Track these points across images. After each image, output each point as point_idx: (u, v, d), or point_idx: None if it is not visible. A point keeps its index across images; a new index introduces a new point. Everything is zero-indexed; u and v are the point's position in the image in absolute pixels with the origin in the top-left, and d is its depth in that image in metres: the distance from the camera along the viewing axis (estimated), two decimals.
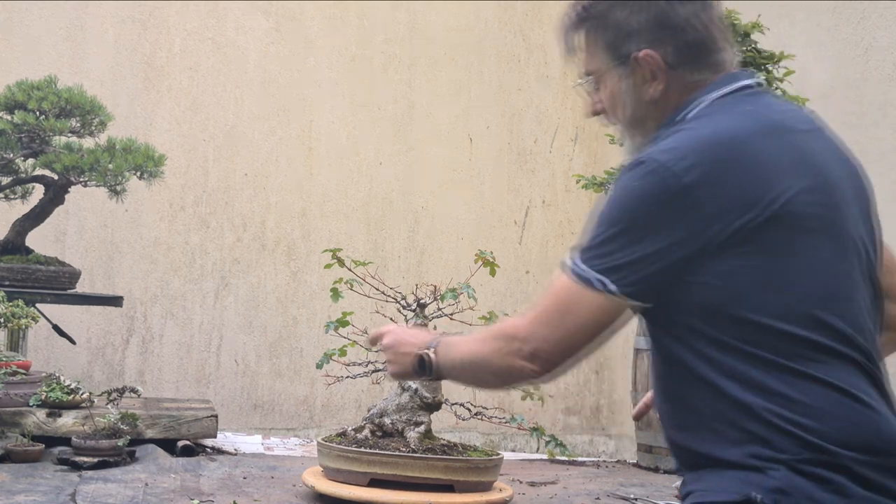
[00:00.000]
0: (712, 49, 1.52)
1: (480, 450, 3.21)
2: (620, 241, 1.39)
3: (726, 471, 1.40)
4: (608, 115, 1.59)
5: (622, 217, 1.39)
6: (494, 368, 1.51)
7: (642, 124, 1.55)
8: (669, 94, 1.52)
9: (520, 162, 5.82)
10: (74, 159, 3.93)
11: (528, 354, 1.45)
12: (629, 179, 1.40)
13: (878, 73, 4.52)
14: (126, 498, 2.90)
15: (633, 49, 1.51)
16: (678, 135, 1.43)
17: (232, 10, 5.24)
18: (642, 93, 1.53)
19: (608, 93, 1.57)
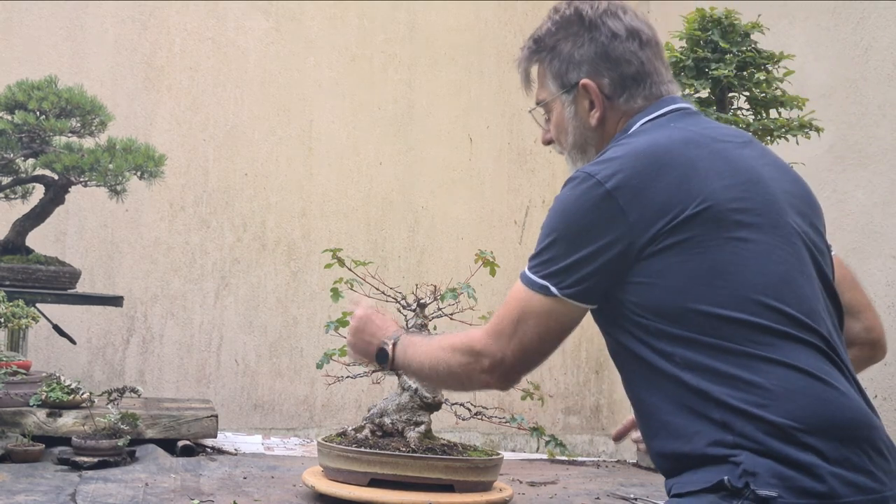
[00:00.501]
0: (650, 82, 1.66)
1: (480, 450, 3.21)
2: (558, 248, 1.50)
3: (699, 469, 1.44)
4: (557, 142, 1.73)
5: (557, 226, 1.51)
6: (456, 379, 1.64)
7: (583, 150, 1.70)
8: (607, 122, 1.67)
9: (520, 162, 5.82)
10: (75, 159, 3.94)
11: (488, 367, 1.57)
12: (564, 192, 1.53)
13: (877, 73, 4.52)
14: (126, 498, 2.90)
15: (575, 79, 1.67)
16: (609, 150, 1.56)
17: (232, 10, 5.24)
18: (584, 120, 1.67)
19: (555, 120, 1.72)
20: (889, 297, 4.32)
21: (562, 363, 5.79)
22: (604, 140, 1.67)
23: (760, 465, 1.36)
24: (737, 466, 1.37)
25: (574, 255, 1.49)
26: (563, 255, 1.50)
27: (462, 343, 1.61)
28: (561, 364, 5.79)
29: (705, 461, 1.42)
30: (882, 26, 4.53)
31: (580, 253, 1.48)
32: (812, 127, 4.02)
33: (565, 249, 1.50)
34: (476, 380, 1.61)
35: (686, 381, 1.43)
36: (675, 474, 1.51)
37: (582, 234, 1.49)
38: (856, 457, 1.38)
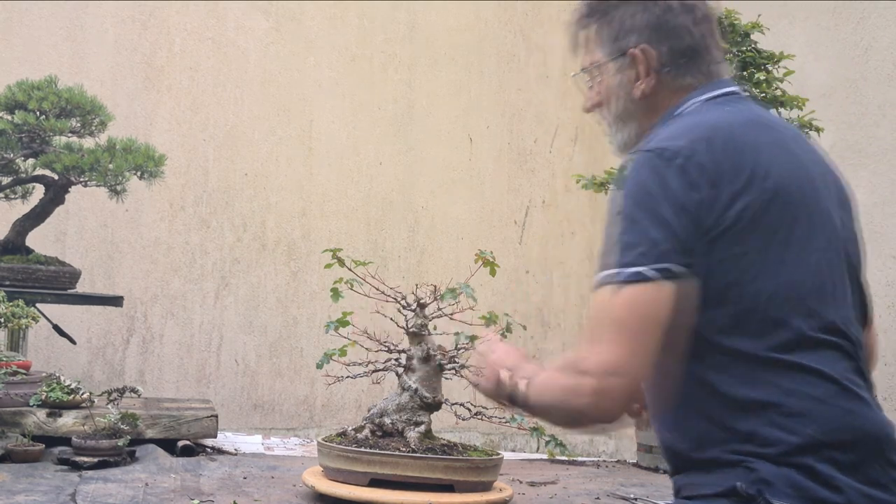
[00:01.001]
0: (704, 58, 1.58)
1: (480, 450, 3.21)
2: (652, 228, 1.37)
3: (713, 470, 1.41)
4: (602, 108, 1.65)
5: (641, 208, 1.40)
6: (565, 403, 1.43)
7: (628, 121, 1.61)
8: (658, 95, 1.58)
9: (520, 162, 5.82)
10: (75, 159, 3.94)
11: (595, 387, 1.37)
12: (634, 173, 1.43)
13: (877, 73, 4.52)
14: (126, 498, 2.90)
15: (633, 43, 1.58)
16: (670, 126, 1.49)
17: (232, 10, 5.24)
18: (630, 90, 1.59)
19: (603, 86, 1.63)
20: (889, 297, 4.32)
21: None
22: (650, 114, 1.60)
23: (776, 475, 1.34)
24: (750, 472, 1.35)
25: (671, 229, 1.37)
26: (661, 233, 1.37)
27: (566, 363, 1.42)
28: None
29: (719, 464, 1.39)
30: (882, 26, 4.53)
31: (677, 226, 1.37)
32: (812, 127, 4.02)
33: (644, 230, 1.38)
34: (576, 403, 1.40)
35: (715, 385, 1.39)
36: (682, 471, 1.48)
37: (669, 209, 1.38)
38: (873, 470, 1.36)
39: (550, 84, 5.90)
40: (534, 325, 5.67)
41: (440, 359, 3.14)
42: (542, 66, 5.89)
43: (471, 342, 3.17)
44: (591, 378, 1.36)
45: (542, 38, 5.89)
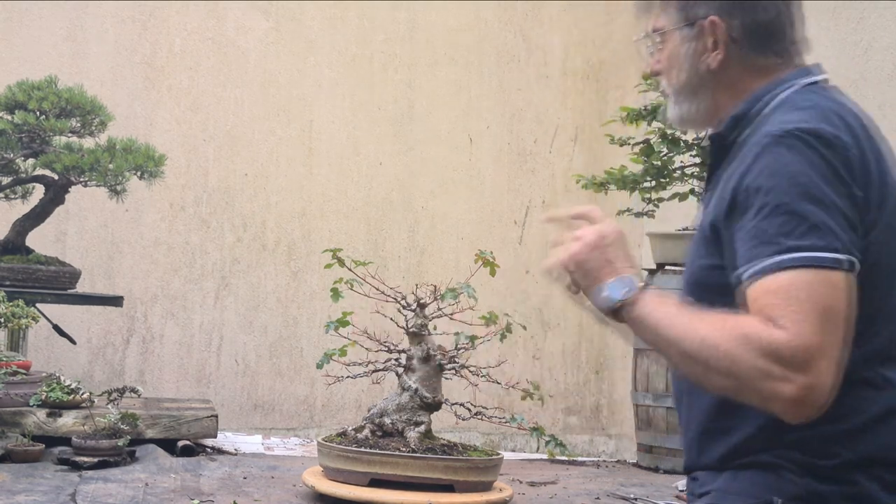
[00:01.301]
0: (781, 35, 1.50)
1: (480, 450, 3.21)
2: (834, 212, 1.27)
3: (745, 471, 1.37)
4: (664, 76, 1.58)
5: (817, 188, 1.28)
6: (733, 381, 1.26)
7: (694, 93, 1.53)
8: (730, 71, 1.50)
9: (520, 162, 5.82)
10: (75, 159, 3.94)
11: (799, 391, 1.21)
12: (786, 153, 1.31)
13: (877, 73, 4.52)
14: (126, 498, 2.90)
15: (702, 14, 1.49)
16: (801, 111, 1.38)
17: (232, 10, 5.24)
18: (702, 61, 1.51)
19: (668, 53, 1.55)
20: None
21: (562, 363, 5.79)
22: (723, 90, 1.51)
23: (816, 491, 1.31)
24: (789, 483, 1.32)
25: (851, 218, 1.28)
26: (845, 221, 1.27)
27: (759, 336, 1.22)
28: (561, 364, 5.79)
29: (752, 466, 1.36)
30: (882, 26, 4.53)
31: (853, 216, 1.28)
32: None
33: (843, 214, 1.27)
34: (772, 397, 1.23)
35: None
36: (701, 468, 1.44)
37: (847, 193, 1.29)
38: None
39: (550, 84, 5.90)
40: (534, 325, 5.67)
41: (440, 359, 3.14)
42: (542, 66, 5.89)
43: (471, 342, 3.17)
44: (801, 372, 1.21)
45: (542, 38, 5.89)
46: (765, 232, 1.28)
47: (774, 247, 1.26)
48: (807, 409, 1.23)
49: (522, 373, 5.55)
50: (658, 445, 4.07)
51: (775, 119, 1.39)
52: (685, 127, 1.56)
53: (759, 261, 1.27)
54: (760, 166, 1.32)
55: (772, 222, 1.27)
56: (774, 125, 1.36)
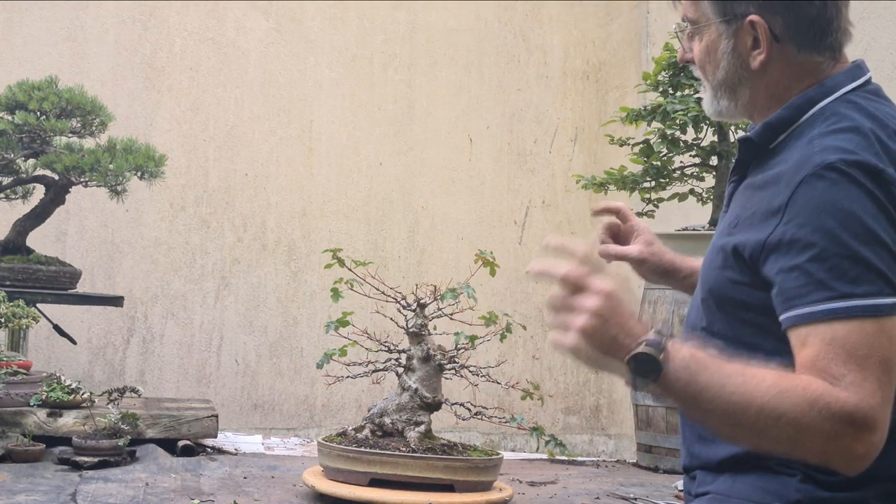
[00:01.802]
0: (826, 30, 1.42)
1: (480, 449, 3.22)
2: (883, 253, 1.23)
3: (745, 474, 1.36)
4: (698, 68, 1.52)
5: (865, 228, 1.24)
6: (799, 445, 1.20)
7: (734, 90, 1.47)
8: (771, 69, 1.43)
9: (520, 162, 5.82)
10: (75, 159, 3.94)
11: (871, 448, 1.19)
12: (840, 189, 1.25)
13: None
14: (127, 497, 2.91)
15: (742, 10, 1.42)
16: (843, 133, 1.32)
17: (232, 10, 5.24)
18: (742, 59, 1.44)
19: (704, 46, 1.48)
20: None
21: (562, 363, 5.79)
22: (762, 87, 1.44)
23: (818, 499, 1.30)
24: (789, 489, 1.31)
25: (888, 254, 1.24)
26: (893, 261, 1.23)
27: (825, 400, 1.18)
28: (561, 364, 5.80)
29: (755, 468, 1.35)
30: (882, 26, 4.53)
31: (892, 250, 1.24)
32: None
33: (892, 253, 1.24)
34: (839, 456, 1.20)
35: None
36: (705, 466, 1.42)
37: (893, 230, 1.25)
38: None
39: (550, 84, 5.90)
40: (534, 325, 5.67)
41: (440, 359, 3.14)
42: (542, 66, 5.89)
43: (471, 342, 3.17)
44: (869, 431, 1.18)
45: (542, 38, 5.89)
46: (813, 275, 1.23)
47: (827, 292, 1.22)
48: (867, 464, 1.21)
49: (522, 373, 5.55)
50: (657, 445, 4.08)
51: (817, 141, 1.33)
52: (721, 119, 1.53)
53: (809, 304, 1.23)
54: (804, 200, 1.26)
55: (821, 265, 1.23)
56: (817, 152, 1.30)
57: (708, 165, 4.18)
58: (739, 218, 1.39)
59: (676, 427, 3.95)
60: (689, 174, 4.25)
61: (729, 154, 4.06)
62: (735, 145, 4.12)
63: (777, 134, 1.42)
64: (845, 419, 1.17)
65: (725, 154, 4.08)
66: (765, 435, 1.20)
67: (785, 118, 1.41)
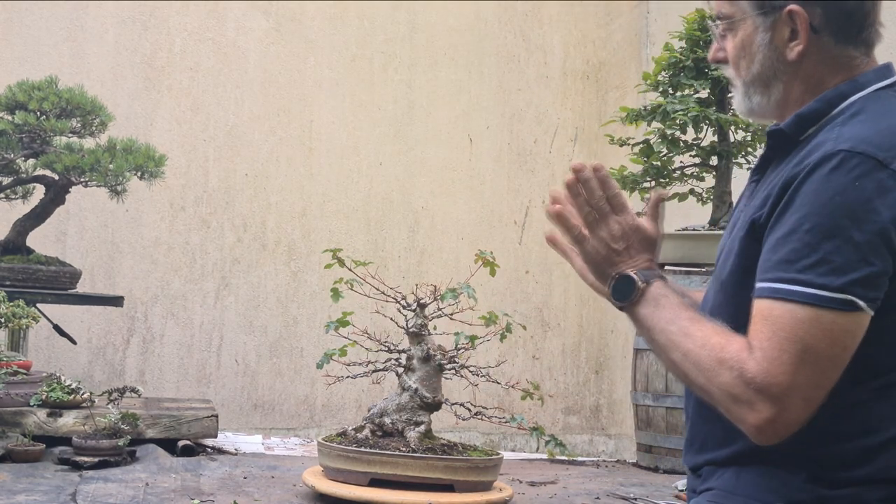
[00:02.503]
0: (863, 23, 1.41)
1: (480, 449, 3.22)
2: (848, 250, 1.23)
3: (748, 470, 1.36)
4: (730, 65, 1.49)
5: (838, 220, 1.24)
6: (706, 392, 1.30)
7: (766, 86, 1.45)
8: (807, 62, 1.42)
9: (520, 162, 5.82)
10: (75, 159, 3.94)
11: (765, 419, 1.24)
12: (833, 176, 1.27)
13: None
14: (127, 497, 2.91)
15: (780, 2, 1.40)
16: (862, 125, 1.33)
17: (232, 10, 5.24)
18: (779, 52, 1.42)
19: (738, 41, 1.46)
20: None
21: (562, 363, 5.79)
22: (797, 80, 1.43)
23: (822, 499, 1.30)
24: (793, 488, 1.31)
25: (871, 255, 1.23)
26: (859, 258, 1.23)
27: (735, 362, 1.26)
28: (561, 364, 5.80)
29: (760, 464, 1.35)
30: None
31: (877, 253, 1.24)
32: None
33: (858, 250, 1.23)
34: (738, 419, 1.27)
35: None
36: (710, 461, 1.42)
37: (875, 229, 1.24)
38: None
39: (550, 84, 5.90)
40: (534, 325, 5.67)
41: (440, 359, 3.14)
42: (542, 66, 5.90)
43: (471, 342, 3.17)
44: (767, 403, 1.23)
45: (542, 38, 5.89)
46: (777, 251, 1.28)
47: (780, 272, 1.26)
48: (767, 438, 1.26)
49: (522, 373, 5.55)
50: (657, 445, 4.08)
51: (837, 129, 1.34)
52: (753, 119, 1.51)
53: (766, 280, 1.28)
54: (801, 181, 1.29)
55: (785, 244, 1.27)
56: (833, 139, 1.31)
57: (708, 165, 4.18)
58: (756, 203, 1.40)
59: (676, 427, 3.95)
60: (689, 174, 4.25)
61: (729, 154, 4.06)
62: (735, 146, 4.12)
63: (807, 126, 1.41)
64: (745, 383, 1.24)
65: (725, 154, 4.08)
66: (688, 378, 1.32)
67: (816, 110, 1.41)
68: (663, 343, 1.35)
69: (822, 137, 1.34)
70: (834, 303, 1.23)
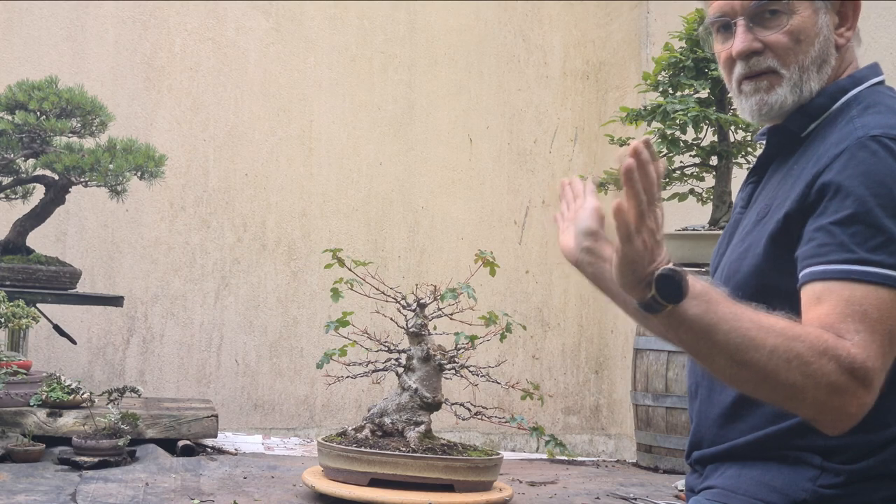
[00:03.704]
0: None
1: (480, 449, 3.22)
2: None
3: (750, 468, 1.35)
4: (768, 55, 1.44)
5: (888, 201, 1.24)
6: (796, 394, 1.20)
7: (821, 69, 1.43)
8: (845, 49, 1.45)
9: (520, 162, 5.82)
10: (75, 159, 3.94)
11: (862, 404, 1.20)
12: (878, 160, 1.26)
13: None
14: (127, 497, 2.91)
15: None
16: (883, 115, 1.33)
17: (232, 10, 5.24)
18: (831, 37, 1.43)
19: (792, 28, 1.42)
20: None
21: (562, 363, 5.79)
22: (834, 70, 1.44)
23: (822, 498, 1.30)
24: (797, 487, 1.31)
25: None
26: None
27: (837, 350, 1.19)
28: (561, 364, 5.80)
29: (767, 459, 1.34)
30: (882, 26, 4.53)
31: None
32: None
33: None
34: (836, 409, 1.20)
35: None
36: (713, 458, 1.42)
37: None
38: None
39: (550, 84, 5.90)
40: (534, 325, 5.67)
41: (440, 359, 3.14)
42: (542, 66, 5.90)
43: (471, 342, 3.17)
44: (865, 389, 1.19)
45: (542, 39, 5.89)
46: (836, 236, 1.24)
47: (847, 254, 1.23)
48: (853, 423, 1.22)
49: (522, 373, 5.55)
50: (657, 445, 4.08)
51: (858, 119, 1.34)
52: (775, 121, 1.47)
53: (827, 262, 1.24)
54: (840, 166, 1.27)
55: (846, 229, 1.24)
56: (859, 127, 1.31)
57: (708, 165, 4.18)
58: (773, 203, 1.39)
59: (676, 427, 3.95)
60: (689, 174, 4.25)
61: (729, 154, 4.06)
62: (735, 146, 4.12)
63: (811, 121, 1.42)
64: (852, 372, 1.18)
65: (725, 154, 4.08)
66: (772, 376, 1.19)
67: (819, 105, 1.42)
68: (735, 343, 1.19)
69: (839, 128, 1.35)
70: None
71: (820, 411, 1.21)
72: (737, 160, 4.14)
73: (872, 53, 4.74)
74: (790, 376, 1.18)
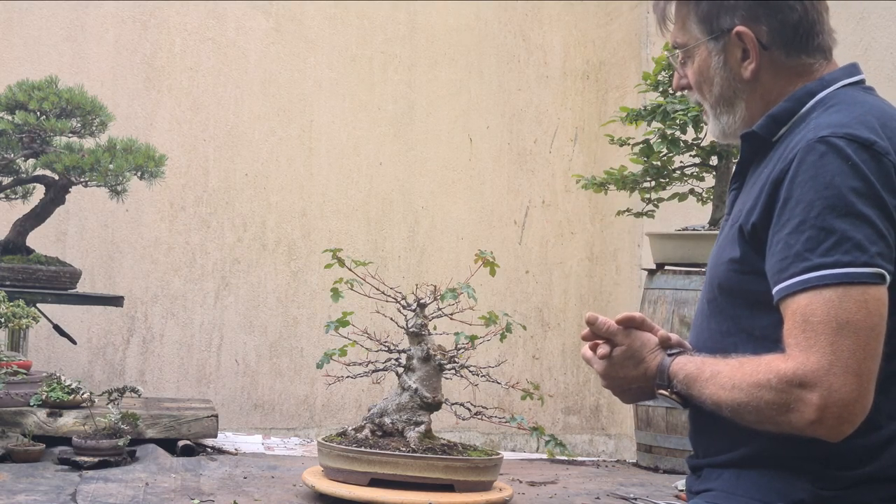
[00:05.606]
0: (811, 33, 1.47)
1: (480, 449, 3.22)
2: (860, 225, 1.25)
3: (749, 470, 1.36)
4: (693, 90, 1.54)
5: (846, 198, 1.26)
6: (767, 423, 1.29)
7: (731, 104, 1.50)
8: (763, 77, 1.46)
9: (520, 162, 5.82)
10: (75, 159, 3.94)
11: (816, 405, 1.23)
12: (827, 161, 1.28)
13: (878, 73, 4.52)
14: (127, 497, 2.91)
15: (728, 24, 1.46)
16: (839, 113, 1.35)
17: (232, 10, 5.24)
18: (734, 71, 1.47)
19: (696, 68, 1.51)
20: None
21: (562, 363, 5.79)
22: (757, 97, 1.47)
23: (822, 499, 1.30)
24: (795, 488, 1.31)
25: (882, 229, 1.25)
26: (874, 232, 1.25)
27: (768, 374, 1.26)
28: (561, 364, 5.80)
29: (762, 465, 1.35)
30: (882, 26, 4.53)
31: (885, 226, 1.26)
32: None
33: (871, 225, 1.25)
34: (798, 427, 1.25)
35: None
36: (711, 462, 1.43)
37: (878, 203, 1.26)
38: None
39: (550, 84, 5.90)
40: (534, 325, 5.67)
41: (440, 359, 3.14)
42: (542, 66, 5.90)
43: (471, 342, 3.17)
44: (811, 391, 1.22)
45: (542, 38, 5.89)
46: (792, 247, 1.28)
47: (801, 264, 1.26)
48: (832, 427, 1.24)
49: (522, 373, 5.55)
50: (657, 445, 4.08)
51: (813, 121, 1.36)
52: (729, 141, 1.55)
53: (788, 278, 1.28)
54: (792, 172, 1.30)
55: (798, 237, 1.27)
56: (811, 129, 1.34)
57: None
58: (744, 208, 1.41)
59: (676, 427, 3.95)
60: (689, 174, 4.25)
61: (729, 154, 4.06)
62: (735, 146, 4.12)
63: (780, 126, 1.44)
64: (790, 384, 1.24)
65: (725, 154, 4.08)
66: (746, 420, 1.31)
67: (787, 109, 1.44)
68: (710, 407, 1.37)
69: (800, 132, 1.37)
70: (864, 277, 1.24)
71: (791, 429, 1.27)
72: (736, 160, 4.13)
73: (873, 53, 4.76)
74: (759, 417, 1.29)
